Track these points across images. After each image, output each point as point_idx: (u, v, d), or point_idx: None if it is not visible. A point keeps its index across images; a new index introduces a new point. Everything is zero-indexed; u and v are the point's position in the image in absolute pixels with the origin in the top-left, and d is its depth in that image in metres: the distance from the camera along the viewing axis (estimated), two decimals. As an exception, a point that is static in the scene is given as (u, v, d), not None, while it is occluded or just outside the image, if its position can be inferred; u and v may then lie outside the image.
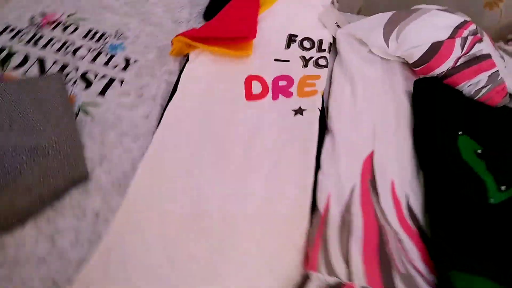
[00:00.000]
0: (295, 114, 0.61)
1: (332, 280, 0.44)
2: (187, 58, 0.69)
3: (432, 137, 0.57)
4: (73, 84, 0.66)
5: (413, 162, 0.57)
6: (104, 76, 0.67)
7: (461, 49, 0.63)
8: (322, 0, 0.78)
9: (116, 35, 0.74)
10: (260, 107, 0.62)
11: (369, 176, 0.54)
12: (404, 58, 0.67)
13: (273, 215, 0.50)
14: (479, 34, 0.66)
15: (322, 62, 0.69)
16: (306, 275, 0.45)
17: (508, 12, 0.92)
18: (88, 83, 0.66)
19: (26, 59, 0.68)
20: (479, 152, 0.56)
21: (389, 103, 0.63)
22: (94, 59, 0.70)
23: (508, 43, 0.70)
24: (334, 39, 0.73)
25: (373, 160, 0.56)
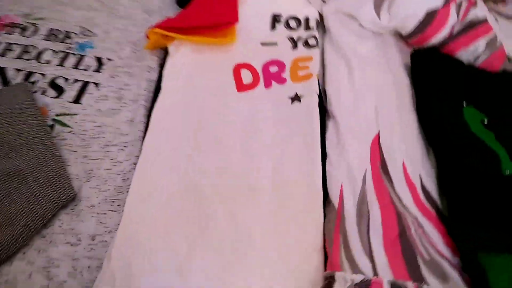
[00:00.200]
0: (293, 102, 0.57)
1: (358, 278, 0.41)
2: (166, 52, 0.63)
3: (438, 112, 0.54)
4: (42, 94, 0.59)
5: (421, 139, 0.54)
6: (76, 81, 0.61)
7: (457, 16, 0.60)
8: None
9: (82, 33, 0.67)
10: (254, 98, 0.58)
11: (379, 160, 0.52)
12: (398, 30, 0.64)
13: (285, 216, 0.47)
14: (473, -2, 0.63)
15: (312, 42, 0.64)
16: (330, 276, 0.42)
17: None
18: (59, 91, 0.59)
19: (-17, 71, 0.60)
20: (486, 123, 0.54)
21: (388, 79, 0.60)
22: (62, 63, 0.63)
23: (498, 4, 0.67)
24: (321, 15, 0.68)
25: (380, 142, 0.53)
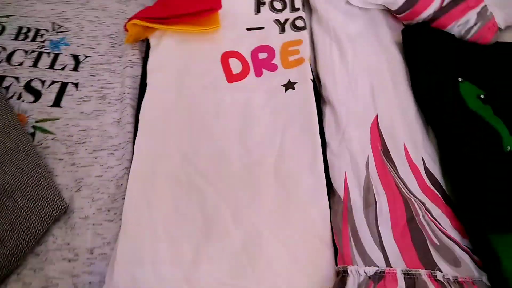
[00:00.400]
0: (287, 90, 0.55)
1: (372, 270, 0.41)
2: (147, 44, 0.59)
3: (434, 90, 0.53)
4: (18, 99, 0.55)
5: (420, 119, 0.53)
6: (54, 82, 0.56)
7: (447, -12, 0.58)
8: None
9: (54, 29, 0.62)
10: (246, 88, 0.55)
11: (380, 145, 0.50)
12: (386, 6, 0.61)
13: (291, 211, 0.45)
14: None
15: (300, 23, 0.61)
16: (343, 270, 0.41)
17: None
18: (37, 95, 0.55)
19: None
20: (483, 97, 0.53)
21: (380, 58, 0.58)
22: (36, 63, 0.58)
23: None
24: (307, -5, 0.65)
25: (379, 126, 0.52)
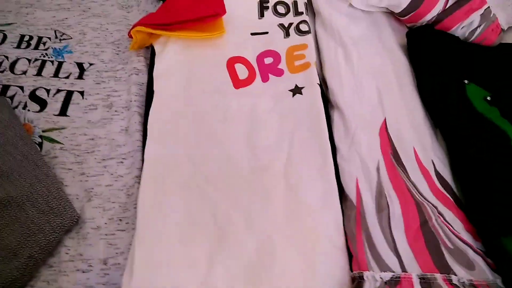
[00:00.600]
0: (294, 95, 0.55)
1: (387, 276, 0.41)
2: (152, 51, 0.59)
3: (441, 92, 0.53)
4: (24, 108, 0.54)
5: (428, 122, 0.53)
6: (59, 91, 0.56)
7: (450, -10, 0.59)
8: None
9: (57, 37, 0.62)
10: (253, 94, 0.55)
11: (389, 149, 0.51)
12: (390, 9, 0.62)
13: (303, 216, 0.45)
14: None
15: (304, 28, 0.61)
16: (359, 276, 0.41)
17: None
18: (42, 104, 0.55)
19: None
20: (489, 99, 0.54)
21: (385, 61, 0.59)
22: (40, 72, 0.57)
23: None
24: (309, -1, 0.65)
25: (388, 129, 0.52)
